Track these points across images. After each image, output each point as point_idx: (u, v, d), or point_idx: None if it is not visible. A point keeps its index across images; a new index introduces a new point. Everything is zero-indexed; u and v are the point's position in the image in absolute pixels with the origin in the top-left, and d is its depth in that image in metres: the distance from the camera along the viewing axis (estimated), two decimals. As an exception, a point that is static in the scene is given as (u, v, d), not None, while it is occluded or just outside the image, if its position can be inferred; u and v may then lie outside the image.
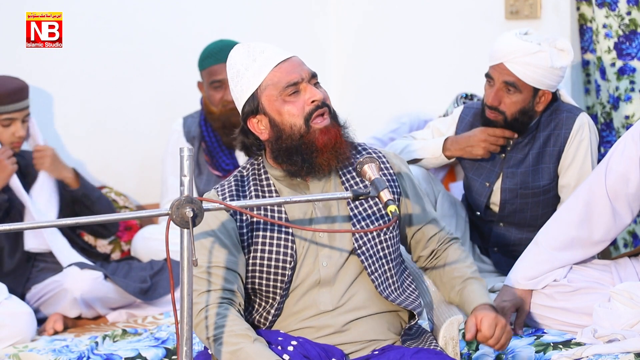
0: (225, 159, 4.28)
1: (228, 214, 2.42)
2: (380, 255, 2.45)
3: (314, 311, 2.42)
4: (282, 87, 2.38)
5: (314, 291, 2.42)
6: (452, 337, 2.50)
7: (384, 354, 2.37)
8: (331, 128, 2.41)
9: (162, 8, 4.80)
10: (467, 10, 4.79)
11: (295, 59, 2.42)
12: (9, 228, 2.06)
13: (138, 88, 4.73)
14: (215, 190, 2.48)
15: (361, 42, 5.26)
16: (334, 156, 2.41)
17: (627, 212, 3.07)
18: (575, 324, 3.03)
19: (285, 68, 2.39)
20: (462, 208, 3.76)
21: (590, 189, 3.09)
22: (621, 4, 4.17)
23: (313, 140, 2.38)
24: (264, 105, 2.40)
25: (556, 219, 3.16)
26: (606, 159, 3.09)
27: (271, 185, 2.46)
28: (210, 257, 2.37)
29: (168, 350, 3.28)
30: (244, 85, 2.41)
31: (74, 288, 3.74)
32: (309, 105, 2.38)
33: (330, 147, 2.40)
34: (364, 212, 2.46)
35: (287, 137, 2.39)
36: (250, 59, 2.40)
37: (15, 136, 3.87)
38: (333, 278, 2.42)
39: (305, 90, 2.39)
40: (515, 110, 3.42)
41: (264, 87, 2.39)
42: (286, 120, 2.39)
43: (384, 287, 2.44)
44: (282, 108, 2.39)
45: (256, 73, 2.39)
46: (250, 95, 2.41)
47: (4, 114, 3.83)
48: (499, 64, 3.40)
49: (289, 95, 2.38)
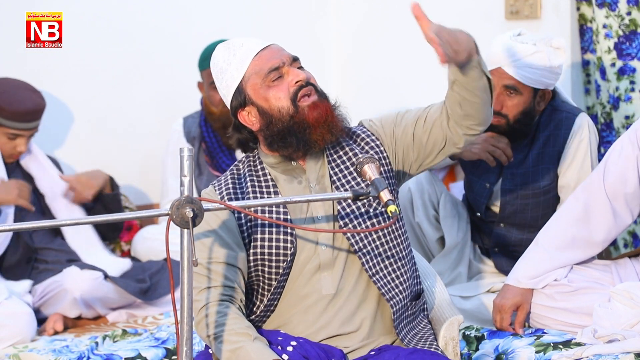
0: (226, 159, 4.28)
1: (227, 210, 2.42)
2: (378, 250, 2.44)
3: (316, 296, 2.42)
4: (264, 73, 2.40)
5: (316, 276, 2.43)
6: (452, 337, 2.50)
7: (380, 355, 2.38)
8: (319, 103, 2.42)
9: (163, 8, 4.80)
10: (467, 10, 4.79)
11: (275, 46, 2.45)
12: (9, 228, 2.06)
13: (138, 88, 4.73)
14: (213, 186, 2.49)
15: (361, 42, 5.26)
16: (327, 130, 2.42)
17: (626, 213, 3.07)
18: (575, 324, 3.04)
19: (265, 55, 2.42)
20: (464, 208, 3.76)
21: (589, 190, 3.09)
22: (621, 4, 4.17)
23: (304, 117, 2.40)
24: (250, 95, 2.42)
25: (556, 220, 3.16)
26: (604, 159, 3.10)
27: (267, 174, 2.47)
28: (209, 254, 2.37)
29: (168, 350, 3.28)
30: (228, 80, 2.44)
31: (74, 288, 3.74)
32: (293, 86, 2.41)
33: (323, 121, 2.41)
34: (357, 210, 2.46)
35: (277, 120, 2.41)
36: (231, 54, 2.43)
37: (16, 150, 3.89)
38: (332, 261, 2.43)
39: (288, 73, 2.41)
40: (518, 112, 3.42)
41: (247, 77, 2.42)
42: (273, 105, 2.41)
43: (375, 271, 2.43)
44: (267, 94, 2.41)
45: (238, 66, 2.42)
46: (235, 88, 2.43)
47: (12, 129, 3.84)
48: (497, 69, 3.38)
49: (273, 80, 2.41)
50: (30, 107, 3.87)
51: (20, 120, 3.84)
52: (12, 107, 3.82)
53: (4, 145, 3.87)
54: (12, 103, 3.83)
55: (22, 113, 3.84)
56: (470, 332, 3.14)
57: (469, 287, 3.53)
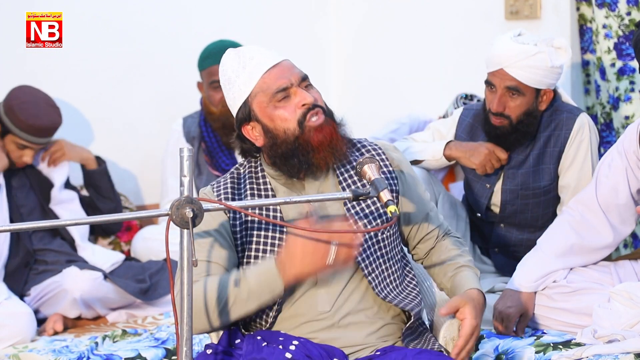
0: (225, 159, 4.28)
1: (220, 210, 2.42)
2: (377, 255, 2.44)
3: (313, 313, 2.42)
4: (271, 93, 2.37)
5: (312, 292, 2.42)
6: (452, 337, 2.50)
7: (386, 355, 2.37)
8: (325, 126, 2.40)
9: (162, 8, 4.80)
10: (467, 11, 4.79)
11: (285, 63, 2.41)
12: (9, 228, 2.06)
13: (138, 88, 4.73)
14: (211, 187, 2.48)
15: (361, 42, 5.26)
16: (330, 154, 2.40)
17: (621, 224, 3.09)
18: (575, 325, 3.04)
19: (274, 74, 2.38)
20: (463, 209, 3.75)
21: (583, 202, 3.12)
22: (621, 4, 4.17)
23: (308, 139, 2.38)
24: (256, 112, 2.40)
25: (556, 226, 3.17)
26: (596, 172, 3.13)
27: (267, 183, 2.46)
28: (201, 252, 2.36)
29: (168, 350, 3.28)
30: (235, 92, 2.41)
31: (74, 288, 3.74)
32: (300, 108, 2.38)
33: (326, 145, 2.39)
34: (361, 211, 2.45)
35: (281, 141, 2.38)
36: (240, 66, 2.40)
37: (21, 160, 3.91)
38: (330, 278, 2.42)
39: (296, 94, 2.38)
40: (520, 113, 3.41)
41: (255, 94, 2.39)
42: (279, 125, 2.38)
43: (381, 288, 2.43)
44: (273, 114, 2.38)
45: (246, 81, 2.39)
46: (242, 102, 2.41)
47: (23, 141, 3.85)
48: (498, 70, 3.37)
49: (279, 100, 2.38)
50: (46, 123, 3.88)
51: (33, 134, 3.85)
52: (29, 120, 3.83)
53: (12, 153, 3.89)
54: (29, 117, 3.83)
55: (36, 128, 3.85)
56: (470, 332, 3.14)
57: (469, 287, 3.53)
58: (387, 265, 2.46)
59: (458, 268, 2.53)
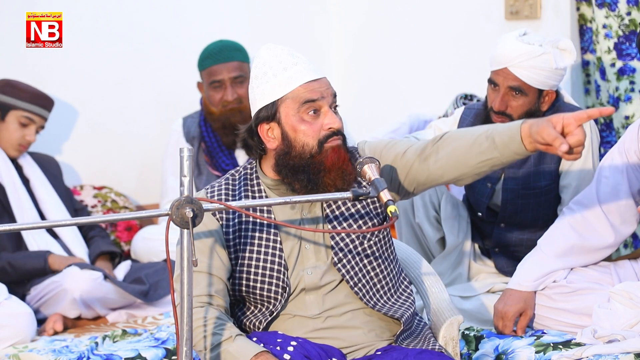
0: (225, 159, 4.28)
1: (212, 216, 2.42)
2: (362, 265, 2.44)
3: (302, 316, 2.43)
4: (300, 102, 2.36)
5: (301, 296, 2.44)
6: (452, 337, 2.50)
7: (386, 354, 2.37)
8: (342, 149, 2.40)
9: (162, 8, 4.80)
10: (467, 11, 4.79)
11: (324, 80, 2.41)
12: (9, 228, 2.06)
13: (138, 88, 4.73)
14: (205, 191, 2.48)
15: (361, 42, 5.26)
16: (340, 176, 2.39)
17: (623, 224, 3.09)
18: (575, 325, 3.04)
19: (313, 87, 2.38)
20: (464, 209, 3.76)
21: (584, 202, 3.12)
22: (621, 4, 4.17)
23: (323, 159, 2.37)
24: (281, 116, 2.39)
25: (557, 227, 3.17)
26: (597, 172, 3.13)
27: (262, 190, 2.46)
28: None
29: (168, 350, 3.28)
30: (266, 90, 2.39)
31: (74, 288, 3.74)
32: (326, 130, 2.38)
33: (338, 167, 2.38)
34: (350, 217, 2.45)
35: (296, 154, 2.38)
36: (281, 67, 2.39)
37: (25, 139, 3.97)
38: (318, 285, 2.43)
39: (326, 114, 2.38)
40: (522, 113, 3.41)
41: (286, 98, 2.38)
42: (300, 138, 2.38)
43: (369, 297, 2.44)
44: (298, 125, 2.38)
45: (283, 83, 2.37)
46: (270, 101, 2.39)
47: (27, 112, 3.95)
48: (502, 69, 3.37)
49: (308, 114, 2.37)
50: (43, 93, 4.03)
51: (37, 103, 3.98)
52: (30, 88, 3.98)
53: (15, 133, 3.94)
54: (29, 88, 3.99)
55: (39, 96, 4.00)
56: (469, 332, 3.14)
57: (469, 287, 3.53)
58: (374, 274, 2.46)
59: (485, 131, 2.34)
